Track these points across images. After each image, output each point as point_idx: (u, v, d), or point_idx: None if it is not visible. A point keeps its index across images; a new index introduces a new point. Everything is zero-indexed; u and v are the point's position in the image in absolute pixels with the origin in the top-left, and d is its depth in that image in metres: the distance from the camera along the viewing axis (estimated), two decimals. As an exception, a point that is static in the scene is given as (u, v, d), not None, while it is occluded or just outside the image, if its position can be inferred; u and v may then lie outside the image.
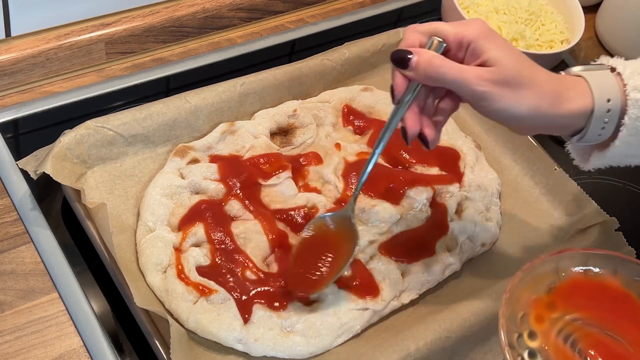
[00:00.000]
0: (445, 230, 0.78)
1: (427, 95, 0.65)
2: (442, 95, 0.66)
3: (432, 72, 0.61)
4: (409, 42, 0.63)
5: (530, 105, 0.61)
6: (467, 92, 0.61)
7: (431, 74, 0.61)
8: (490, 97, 0.60)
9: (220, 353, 0.66)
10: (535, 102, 0.61)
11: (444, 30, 0.63)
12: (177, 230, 0.71)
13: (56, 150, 0.71)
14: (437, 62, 0.61)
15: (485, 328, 0.70)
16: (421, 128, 0.64)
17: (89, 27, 0.85)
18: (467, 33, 0.62)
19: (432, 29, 0.63)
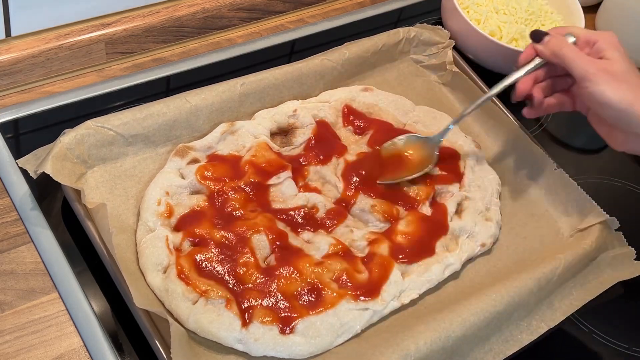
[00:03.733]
0: (445, 230, 0.78)
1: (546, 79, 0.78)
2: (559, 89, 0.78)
3: (557, 49, 0.73)
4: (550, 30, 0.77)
5: (624, 97, 0.70)
6: (577, 70, 0.72)
7: (556, 51, 0.74)
8: (593, 79, 0.71)
9: (221, 353, 0.66)
10: (630, 97, 0.70)
11: (578, 31, 0.76)
12: (177, 231, 0.71)
13: (56, 150, 0.71)
14: (564, 43, 0.74)
15: (485, 328, 0.70)
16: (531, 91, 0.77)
17: (89, 27, 0.85)
18: (596, 35, 0.74)
19: (569, 30, 0.77)
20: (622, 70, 0.71)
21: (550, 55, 0.75)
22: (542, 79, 0.78)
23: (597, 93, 0.71)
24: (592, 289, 0.78)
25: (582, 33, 0.76)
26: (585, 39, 0.75)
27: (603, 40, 0.74)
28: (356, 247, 0.75)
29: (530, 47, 0.77)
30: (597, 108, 0.73)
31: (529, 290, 0.73)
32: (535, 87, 0.77)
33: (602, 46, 0.73)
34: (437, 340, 0.67)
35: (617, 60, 0.72)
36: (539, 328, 0.74)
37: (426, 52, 0.95)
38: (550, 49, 0.75)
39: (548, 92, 0.79)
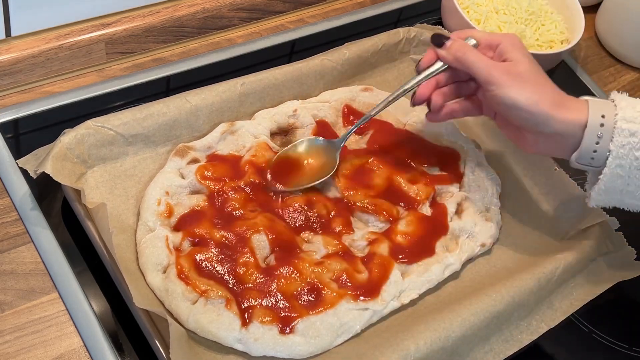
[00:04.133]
0: (445, 230, 0.78)
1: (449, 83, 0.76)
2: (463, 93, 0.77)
3: (460, 54, 0.72)
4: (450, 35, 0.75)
5: (531, 97, 0.69)
6: (481, 75, 0.71)
7: (458, 56, 0.72)
8: (497, 82, 0.70)
9: (220, 353, 0.66)
10: (536, 97, 0.69)
11: (479, 35, 0.75)
12: (177, 230, 0.71)
13: (56, 150, 0.71)
14: (466, 48, 0.72)
15: (485, 328, 0.70)
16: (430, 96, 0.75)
17: (89, 27, 0.85)
18: (497, 38, 0.73)
19: (470, 33, 0.75)
20: (526, 70, 0.70)
21: (452, 61, 0.73)
22: (444, 83, 0.76)
23: (503, 95, 0.69)
24: (592, 289, 0.78)
25: (483, 36, 0.74)
26: (487, 42, 0.74)
27: (505, 43, 0.72)
28: (356, 247, 0.75)
29: (431, 51, 0.75)
30: (504, 110, 0.71)
31: (529, 290, 0.73)
32: (436, 92, 0.75)
33: (505, 48, 0.72)
34: (437, 340, 0.67)
35: (520, 61, 0.71)
36: (539, 328, 0.74)
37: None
38: (452, 54, 0.73)
39: (451, 97, 0.77)
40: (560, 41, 0.98)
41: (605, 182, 0.69)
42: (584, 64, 1.07)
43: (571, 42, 0.97)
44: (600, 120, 0.68)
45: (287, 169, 0.78)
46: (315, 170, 0.78)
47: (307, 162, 0.79)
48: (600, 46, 1.10)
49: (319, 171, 0.78)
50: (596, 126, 0.68)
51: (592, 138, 0.68)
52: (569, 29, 1.00)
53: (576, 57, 1.07)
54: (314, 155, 0.79)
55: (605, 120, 0.68)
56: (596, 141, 0.68)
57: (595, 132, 0.68)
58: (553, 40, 0.98)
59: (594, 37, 1.11)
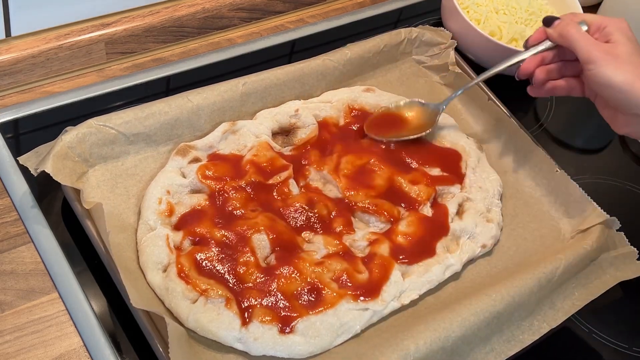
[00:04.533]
0: (446, 231, 0.78)
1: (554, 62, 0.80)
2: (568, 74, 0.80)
3: (565, 31, 0.76)
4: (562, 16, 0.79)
5: (626, 78, 0.72)
6: (581, 52, 0.74)
7: (563, 33, 0.76)
8: (596, 61, 0.73)
9: (220, 352, 0.66)
10: (632, 78, 0.72)
11: (590, 18, 0.77)
12: (178, 229, 0.71)
13: (57, 148, 0.70)
14: (571, 26, 0.76)
15: (485, 328, 0.70)
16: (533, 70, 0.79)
17: (89, 27, 0.84)
18: (606, 21, 0.76)
19: (583, 17, 0.78)
20: (625, 52, 0.73)
21: (557, 37, 0.77)
22: (550, 61, 0.80)
23: (600, 74, 0.72)
24: (593, 289, 0.78)
25: (594, 20, 0.77)
26: (596, 25, 0.76)
27: (611, 25, 0.75)
28: (356, 247, 0.75)
29: (540, 30, 0.80)
30: (600, 90, 0.74)
31: (530, 290, 0.73)
32: (540, 67, 0.79)
33: (610, 30, 0.75)
34: (437, 340, 0.67)
35: (621, 43, 0.73)
36: (541, 328, 0.74)
37: (428, 52, 0.95)
38: (557, 31, 0.77)
39: (555, 76, 0.80)
40: (561, 41, 0.98)
41: None
42: (584, 64, 1.07)
43: (571, 42, 0.97)
44: None
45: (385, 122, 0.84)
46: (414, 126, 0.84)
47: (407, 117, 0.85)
48: (600, 47, 1.10)
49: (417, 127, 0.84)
50: None
51: None
52: (569, 30, 1.00)
53: (576, 58, 1.08)
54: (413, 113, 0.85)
55: None
56: None
57: None
58: (553, 40, 0.98)
59: (594, 38, 1.11)
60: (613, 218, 0.80)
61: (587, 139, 0.99)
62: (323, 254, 0.72)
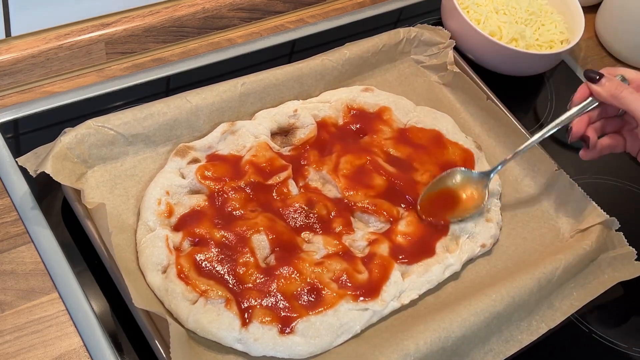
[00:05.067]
0: (446, 230, 0.78)
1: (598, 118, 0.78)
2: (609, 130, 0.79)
3: (617, 92, 0.74)
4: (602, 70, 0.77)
5: None
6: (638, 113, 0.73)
7: (616, 94, 0.74)
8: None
9: (220, 353, 0.66)
10: None
11: (630, 73, 0.77)
12: (177, 230, 0.71)
13: (57, 149, 0.71)
14: (622, 87, 0.75)
15: (485, 328, 0.70)
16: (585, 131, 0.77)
17: (89, 27, 0.85)
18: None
19: (620, 71, 0.77)
20: None
21: (608, 97, 0.75)
22: (595, 119, 0.79)
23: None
24: (592, 289, 0.78)
25: (634, 76, 0.76)
26: (638, 82, 0.76)
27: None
28: (356, 248, 0.75)
29: (584, 87, 0.77)
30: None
31: (529, 291, 0.73)
32: (590, 127, 0.78)
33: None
34: (437, 340, 0.67)
35: None
36: (539, 328, 0.74)
37: (427, 52, 0.95)
38: (607, 91, 0.75)
39: (599, 133, 0.79)
40: (560, 41, 0.98)
41: None
42: (584, 64, 1.07)
43: (571, 42, 0.97)
44: None
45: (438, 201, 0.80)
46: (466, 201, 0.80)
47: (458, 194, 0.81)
48: (600, 46, 1.10)
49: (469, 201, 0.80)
50: None
51: None
52: (569, 29, 1.00)
53: (576, 57, 1.07)
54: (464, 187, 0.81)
55: None
56: None
57: None
58: (553, 40, 0.98)
59: (594, 37, 1.11)
60: (612, 218, 0.80)
61: (587, 139, 0.98)
62: (323, 254, 0.73)
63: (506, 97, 0.92)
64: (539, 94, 1.01)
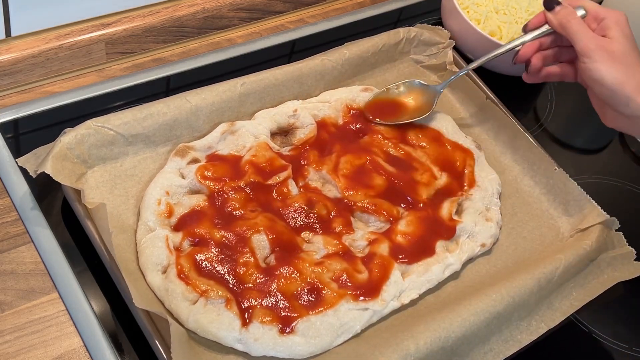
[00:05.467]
0: (452, 233, 0.78)
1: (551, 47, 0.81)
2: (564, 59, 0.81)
3: (565, 20, 0.76)
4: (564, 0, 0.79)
5: (617, 77, 0.72)
6: (579, 45, 0.74)
7: (563, 22, 0.76)
8: (592, 56, 0.73)
9: (221, 353, 0.66)
10: (622, 78, 0.72)
11: (589, 5, 0.77)
12: (177, 230, 0.71)
13: (56, 149, 0.71)
14: (572, 16, 0.76)
15: (485, 328, 0.70)
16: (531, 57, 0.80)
17: (89, 27, 0.85)
18: (605, 12, 0.76)
19: (582, 3, 0.78)
20: (621, 50, 0.73)
21: (557, 26, 0.77)
22: (548, 46, 0.80)
23: (592, 70, 0.73)
24: (592, 289, 0.78)
25: (592, 8, 0.77)
26: (594, 14, 0.77)
27: (610, 19, 0.75)
28: (356, 247, 0.75)
29: (541, 14, 0.80)
30: (591, 84, 0.75)
31: (529, 291, 0.73)
32: (537, 54, 0.80)
33: (607, 24, 0.75)
34: (437, 340, 0.67)
35: (618, 40, 0.74)
36: (539, 328, 0.74)
37: (426, 52, 0.95)
38: (558, 19, 0.77)
39: (551, 61, 0.81)
40: (560, 41, 0.98)
41: None
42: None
43: (571, 42, 0.97)
44: None
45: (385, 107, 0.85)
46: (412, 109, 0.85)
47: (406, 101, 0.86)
48: (600, 46, 1.10)
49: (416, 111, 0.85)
50: None
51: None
52: (569, 29, 1.00)
53: (576, 57, 1.07)
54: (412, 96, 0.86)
55: None
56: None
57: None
58: (553, 40, 0.98)
59: (594, 37, 1.11)
60: (612, 218, 0.80)
61: (587, 139, 0.98)
62: (323, 254, 0.73)
63: (506, 97, 0.92)
64: (539, 94, 1.01)
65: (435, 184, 0.82)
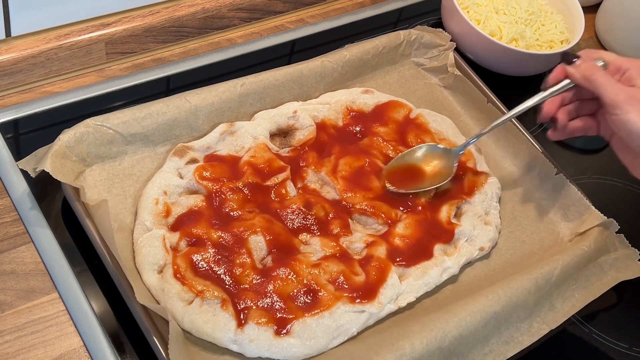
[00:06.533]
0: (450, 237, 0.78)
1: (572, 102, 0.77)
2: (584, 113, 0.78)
3: (589, 74, 0.72)
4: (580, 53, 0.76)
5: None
6: (607, 97, 0.71)
7: (588, 75, 0.73)
8: (624, 106, 0.70)
9: (216, 353, 0.66)
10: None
11: (608, 57, 0.75)
12: (175, 230, 0.71)
13: (55, 148, 0.71)
14: (596, 68, 0.73)
15: (482, 329, 0.70)
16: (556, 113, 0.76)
17: (89, 27, 0.85)
18: (626, 63, 0.74)
19: (599, 54, 0.75)
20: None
21: (581, 79, 0.74)
22: (569, 101, 0.78)
23: (627, 121, 0.70)
24: (594, 290, 0.78)
25: (612, 59, 0.75)
26: (616, 65, 0.74)
27: (634, 69, 0.73)
28: (353, 249, 0.75)
29: (560, 68, 0.77)
30: (625, 136, 0.72)
31: (527, 291, 0.73)
32: (561, 109, 0.77)
33: (633, 74, 0.73)
34: (433, 340, 0.67)
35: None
36: (540, 330, 0.74)
37: (427, 54, 0.95)
38: (581, 72, 0.74)
39: (573, 115, 0.78)
40: (560, 41, 0.98)
41: None
42: None
43: (571, 42, 0.97)
44: None
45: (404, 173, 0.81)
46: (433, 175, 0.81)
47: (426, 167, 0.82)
48: (601, 46, 1.10)
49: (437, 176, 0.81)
50: None
51: None
52: (569, 29, 1.00)
53: (577, 58, 1.07)
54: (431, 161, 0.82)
55: None
56: None
57: None
58: (553, 40, 0.98)
59: (594, 37, 1.11)
60: (611, 220, 0.80)
61: (587, 139, 0.98)
62: (320, 255, 0.72)
63: (506, 97, 0.92)
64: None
65: (434, 187, 0.82)
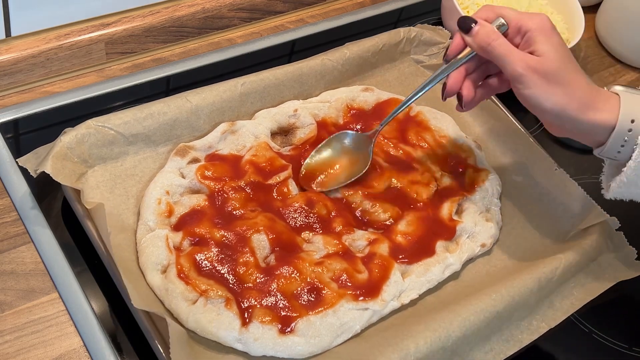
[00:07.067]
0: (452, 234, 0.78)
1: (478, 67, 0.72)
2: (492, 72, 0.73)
3: (486, 43, 0.67)
4: (478, 15, 0.71)
5: (557, 102, 0.66)
6: (508, 70, 0.67)
7: (484, 45, 0.67)
8: (525, 81, 0.66)
9: (220, 352, 0.66)
10: (563, 101, 0.66)
11: (509, 15, 0.69)
12: (177, 230, 0.71)
13: (57, 149, 0.71)
14: (493, 36, 0.67)
15: (485, 328, 0.70)
16: (460, 88, 0.71)
17: (89, 27, 0.85)
18: (527, 22, 0.68)
19: (500, 12, 0.70)
20: (554, 69, 0.65)
21: (478, 49, 0.68)
22: (474, 69, 0.72)
23: (527, 96, 0.66)
24: (593, 289, 0.78)
25: (513, 17, 0.69)
26: (516, 25, 0.68)
27: (534, 30, 0.67)
28: (356, 247, 0.75)
29: (458, 37, 0.70)
30: (530, 109, 0.68)
31: (529, 290, 0.73)
32: (466, 83, 0.71)
33: (534, 37, 0.67)
34: (437, 339, 0.67)
35: (549, 57, 0.66)
36: (540, 328, 0.74)
37: (427, 52, 0.95)
38: (478, 42, 0.68)
39: (481, 79, 0.73)
40: (561, 41, 0.98)
41: (627, 175, 0.67)
42: (584, 64, 1.07)
43: (571, 42, 0.97)
44: (629, 125, 0.66)
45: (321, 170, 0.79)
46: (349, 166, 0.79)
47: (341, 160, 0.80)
48: (600, 46, 1.10)
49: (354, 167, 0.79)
50: (624, 132, 0.66)
51: (619, 141, 0.66)
52: (569, 29, 1.00)
53: (576, 57, 1.07)
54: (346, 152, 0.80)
55: (635, 126, 0.65)
56: (622, 144, 0.67)
57: (623, 137, 0.66)
58: (553, 40, 0.98)
59: (594, 37, 1.11)
60: (612, 218, 0.80)
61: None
62: (322, 253, 0.73)
63: (506, 97, 0.92)
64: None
65: (436, 184, 0.82)
